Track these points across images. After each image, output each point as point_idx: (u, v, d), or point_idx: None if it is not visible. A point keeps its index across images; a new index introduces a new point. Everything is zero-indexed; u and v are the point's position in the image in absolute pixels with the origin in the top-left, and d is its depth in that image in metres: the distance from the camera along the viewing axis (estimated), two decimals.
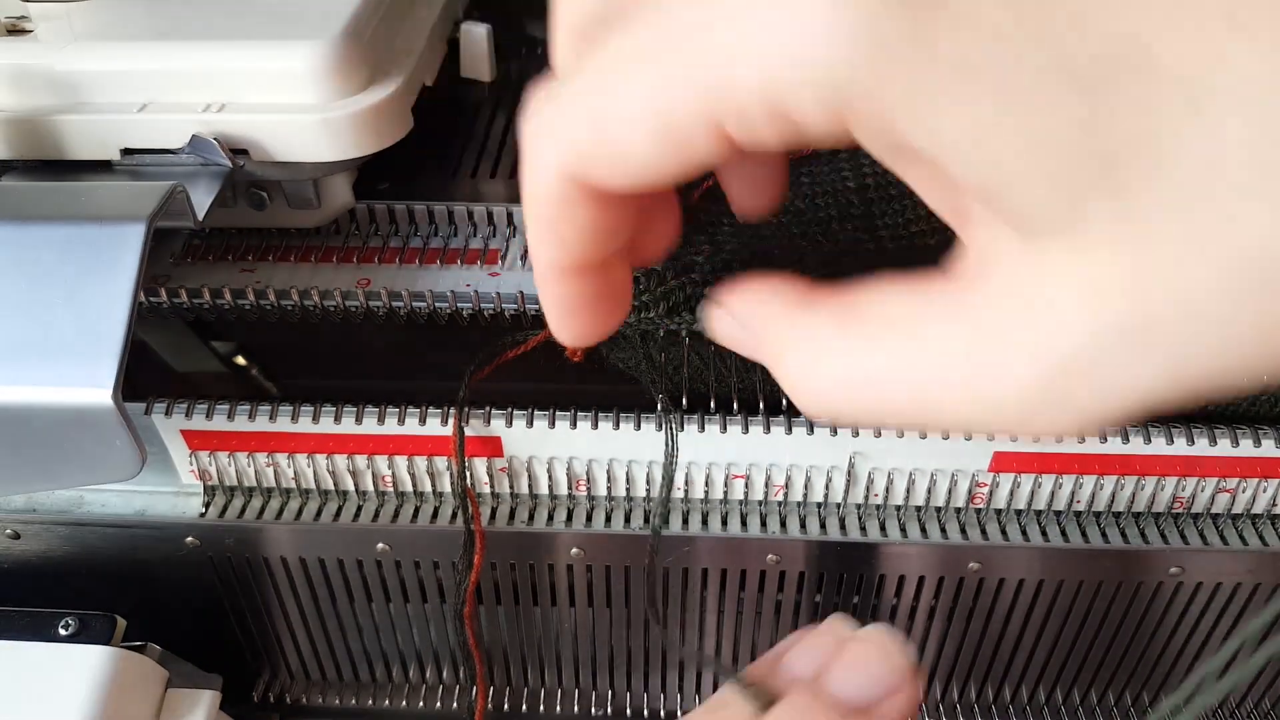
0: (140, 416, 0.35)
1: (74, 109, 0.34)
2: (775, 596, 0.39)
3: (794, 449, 0.34)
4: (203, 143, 0.33)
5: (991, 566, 0.37)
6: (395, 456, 0.36)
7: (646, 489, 0.36)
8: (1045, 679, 0.43)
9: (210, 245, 0.38)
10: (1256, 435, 0.34)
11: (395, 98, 0.36)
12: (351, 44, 0.34)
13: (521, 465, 0.36)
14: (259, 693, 0.45)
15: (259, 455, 0.36)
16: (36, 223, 0.30)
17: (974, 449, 0.34)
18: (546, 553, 0.37)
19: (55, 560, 0.38)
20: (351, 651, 0.43)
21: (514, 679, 0.44)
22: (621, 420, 0.34)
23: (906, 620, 0.40)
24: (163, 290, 0.36)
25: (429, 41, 0.41)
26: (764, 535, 0.36)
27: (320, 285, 0.36)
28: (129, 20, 0.36)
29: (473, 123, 0.45)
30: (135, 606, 0.35)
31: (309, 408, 0.35)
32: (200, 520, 0.37)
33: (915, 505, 0.36)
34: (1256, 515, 0.36)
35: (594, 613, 0.40)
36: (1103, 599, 0.38)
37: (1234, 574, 0.37)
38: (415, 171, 0.41)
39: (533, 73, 0.49)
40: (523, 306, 0.35)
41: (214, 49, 0.34)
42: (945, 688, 0.43)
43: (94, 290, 0.28)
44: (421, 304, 0.35)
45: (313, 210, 0.37)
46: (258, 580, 0.40)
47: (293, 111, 0.34)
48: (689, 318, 0.33)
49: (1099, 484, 0.35)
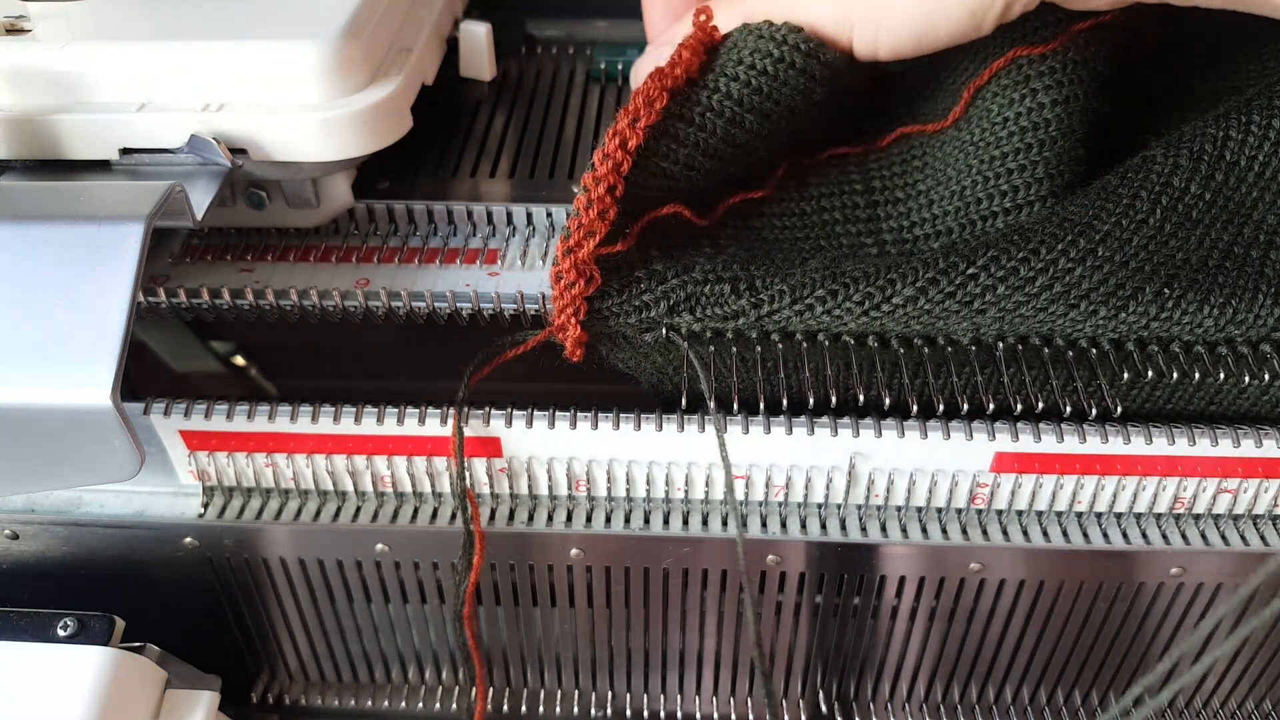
0: (139, 417, 0.35)
1: (73, 109, 0.34)
2: (775, 597, 0.39)
3: (794, 449, 0.34)
4: (201, 142, 0.33)
5: (991, 567, 0.37)
6: (395, 457, 0.36)
7: (646, 489, 0.36)
8: (1046, 680, 0.43)
9: (209, 245, 0.38)
10: (1257, 435, 0.34)
11: (395, 97, 0.36)
12: (351, 43, 0.34)
13: (521, 465, 0.36)
14: (258, 693, 0.45)
15: (258, 455, 0.36)
16: (35, 222, 0.30)
17: (974, 449, 0.34)
18: (546, 553, 0.37)
19: (54, 561, 0.38)
20: (351, 652, 0.43)
21: (514, 680, 0.44)
22: (621, 420, 0.34)
23: (907, 621, 0.40)
24: (162, 290, 0.36)
25: (428, 40, 0.41)
26: (764, 536, 0.36)
27: (319, 285, 0.36)
28: (128, 20, 0.36)
29: (473, 122, 0.45)
30: (134, 607, 0.35)
31: (308, 408, 0.35)
32: (199, 521, 0.37)
33: (915, 506, 0.36)
34: (1257, 515, 0.36)
35: (594, 613, 0.40)
36: (1103, 600, 0.38)
37: (1234, 575, 0.37)
38: (415, 171, 0.41)
39: (532, 72, 0.49)
40: (522, 306, 0.35)
41: (213, 48, 0.34)
42: (946, 688, 0.43)
43: (92, 290, 0.28)
44: (421, 304, 0.35)
45: (312, 210, 0.37)
46: (257, 581, 0.39)
47: (292, 111, 0.34)
48: (689, 318, 0.33)
49: (1099, 484, 0.35)
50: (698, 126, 0.32)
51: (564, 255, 0.31)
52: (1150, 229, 0.32)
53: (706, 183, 0.34)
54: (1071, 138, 0.34)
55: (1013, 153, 0.34)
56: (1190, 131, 0.34)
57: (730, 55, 0.33)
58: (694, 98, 0.32)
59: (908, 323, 0.32)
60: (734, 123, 0.33)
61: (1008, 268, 0.31)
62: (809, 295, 0.32)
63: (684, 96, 0.32)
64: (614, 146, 0.31)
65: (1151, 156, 0.34)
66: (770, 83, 0.33)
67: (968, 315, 0.32)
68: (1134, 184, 0.33)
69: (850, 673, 0.43)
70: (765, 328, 0.33)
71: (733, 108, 0.33)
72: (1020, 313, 0.32)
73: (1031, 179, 0.34)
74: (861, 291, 0.32)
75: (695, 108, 0.32)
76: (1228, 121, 0.34)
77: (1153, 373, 0.33)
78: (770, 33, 0.33)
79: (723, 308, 0.32)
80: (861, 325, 0.32)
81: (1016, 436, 0.33)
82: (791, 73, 0.33)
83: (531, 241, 0.38)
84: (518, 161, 0.42)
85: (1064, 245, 0.31)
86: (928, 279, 0.31)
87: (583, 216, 0.30)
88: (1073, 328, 0.33)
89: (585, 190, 0.31)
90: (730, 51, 0.33)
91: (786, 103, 0.34)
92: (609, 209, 0.30)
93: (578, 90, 0.47)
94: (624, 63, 0.48)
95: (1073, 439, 0.33)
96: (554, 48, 0.51)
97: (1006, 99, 0.34)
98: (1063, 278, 0.31)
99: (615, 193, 0.31)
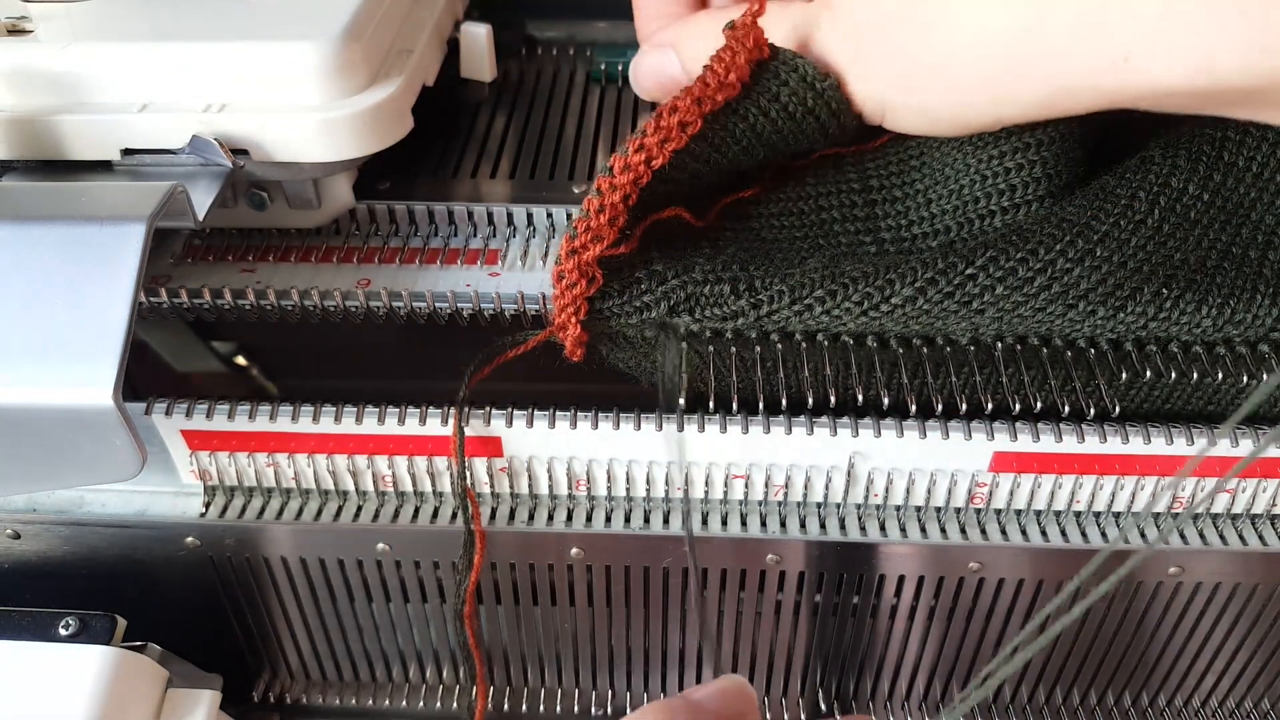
0: (140, 416, 0.35)
1: (74, 109, 0.34)
2: (775, 596, 0.39)
3: (794, 449, 0.35)
4: (203, 143, 0.33)
5: (991, 566, 0.37)
6: (395, 456, 0.36)
7: (646, 489, 0.36)
8: (1045, 679, 0.43)
9: (210, 245, 0.38)
10: (1255, 435, 0.34)
11: (395, 98, 0.36)
12: (352, 44, 0.34)
13: (521, 465, 0.36)
14: (259, 693, 0.45)
15: (259, 455, 0.36)
16: (37, 223, 0.30)
17: (973, 449, 0.34)
18: (546, 552, 0.37)
19: (55, 560, 0.38)
20: (351, 651, 0.43)
21: (514, 679, 0.44)
22: (621, 420, 0.34)
23: (906, 620, 0.40)
24: (163, 290, 0.36)
25: (429, 41, 0.41)
26: (764, 535, 0.36)
27: (320, 285, 0.36)
28: (129, 20, 0.36)
29: (473, 123, 0.45)
30: (136, 606, 0.35)
31: (309, 408, 0.35)
32: (200, 520, 0.37)
33: (915, 505, 0.36)
34: (1256, 515, 0.36)
35: (594, 613, 0.40)
36: (1102, 599, 0.38)
37: (1234, 574, 0.37)
38: (415, 171, 0.41)
39: (533, 73, 0.49)
40: (523, 306, 0.35)
41: (214, 49, 0.34)
42: (945, 687, 0.43)
43: (94, 290, 0.28)
44: (421, 304, 0.35)
45: (313, 210, 0.38)
46: (258, 580, 0.40)
47: (293, 111, 0.34)
48: (689, 318, 0.33)
49: (1099, 484, 0.35)
50: (714, 147, 0.32)
51: (568, 256, 0.31)
52: (1148, 229, 0.32)
53: (703, 188, 0.34)
54: (1069, 138, 0.34)
55: (1010, 152, 0.34)
56: (1189, 132, 0.34)
57: (769, 86, 0.32)
58: (720, 122, 0.32)
59: (906, 323, 0.32)
60: (747, 151, 0.33)
61: (1006, 268, 0.31)
62: (808, 295, 0.32)
63: (713, 119, 0.32)
64: (639, 160, 0.30)
65: (1150, 156, 0.34)
66: (794, 127, 0.33)
67: (966, 315, 0.32)
68: (1132, 184, 0.33)
69: (850, 672, 0.43)
70: (764, 328, 0.33)
71: (752, 139, 0.33)
72: (1019, 313, 0.32)
73: (1029, 178, 0.34)
74: (860, 292, 0.32)
75: (720, 131, 0.32)
76: (1226, 121, 0.34)
77: (1151, 373, 0.33)
78: (814, 80, 0.32)
79: (722, 308, 0.32)
80: (860, 325, 0.33)
81: (1015, 436, 0.33)
82: (813, 123, 0.33)
83: (532, 242, 0.39)
84: (518, 162, 0.42)
85: (1062, 245, 0.31)
86: (926, 279, 0.31)
87: (592, 220, 0.30)
88: (1071, 328, 0.33)
89: (599, 194, 0.30)
90: (770, 81, 0.32)
91: (794, 145, 0.34)
92: (619, 216, 0.30)
93: (578, 91, 0.48)
94: (624, 64, 0.48)
95: (1071, 439, 0.33)
96: (554, 49, 0.51)
97: None
98: (1061, 278, 0.31)
99: (629, 201, 0.30)
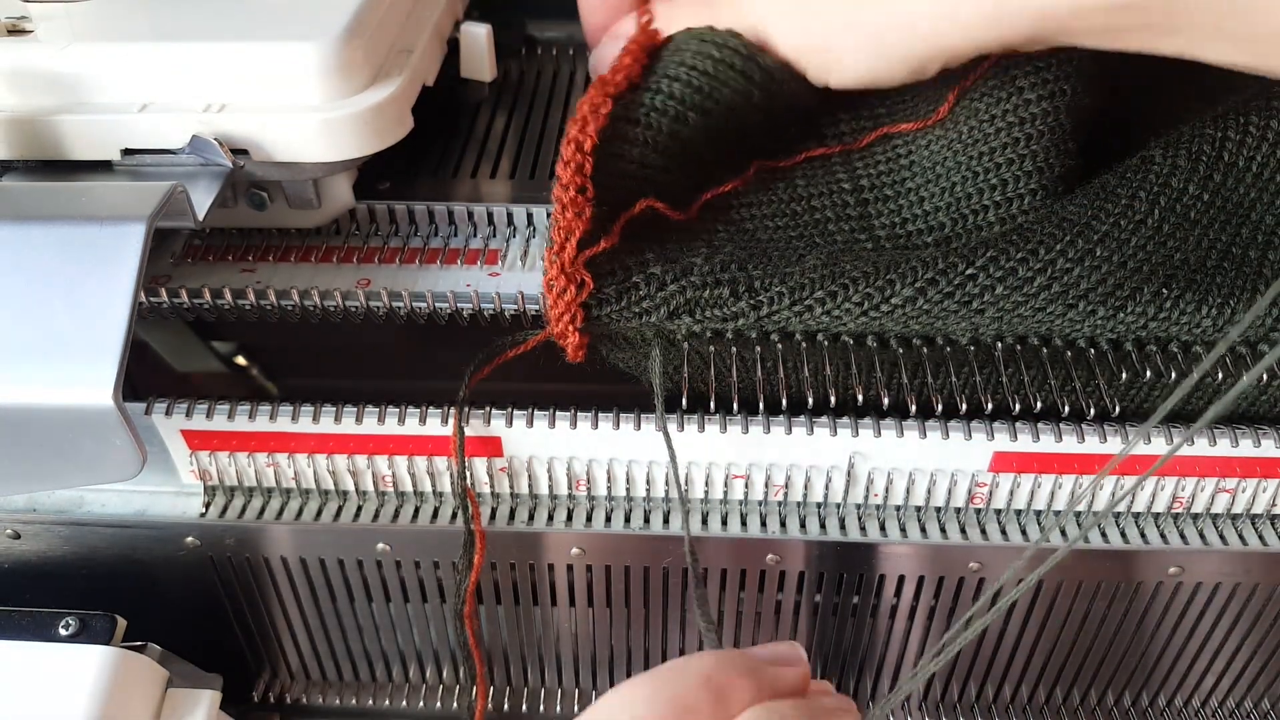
0: (140, 416, 0.35)
1: (74, 109, 0.34)
2: (775, 596, 0.39)
3: (794, 449, 0.35)
4: (203, 143, 0.33)
5: (990, 566, 0.37)
6: (395, 456, 0.36)
7: (646, 489, 0.36)
8: (1045, 679, 0.43)
9: (210, 245, 0.38)
10: (1256, 435, 0.34)
11: (395, 98, 0.36)
12: (352, 44, 0.34)
13: (521, 465, 0.36)
14: (259, 692, 0.45)
15: (259, 455, 0.36)
16: (37, 223, 0.30)
17: (973, 449, 0.34)
18: (546, 553, 0.37)
19: (56, 560, 0.38)
20: (351, 651, 0.43)
21: (514, 679, 0.44)
22: (621, 420, 0.34)
23: (906, 619, 0.40)
24: (163, 290, 0.36)
25: (429, 41, 0.41)
26: (764, 535, 0.36)
27: (320, 285, 0.36)
28: (129, 20, 0.36)
29: (473, 123, 0.45)
30: (136, 606, 0.35)
31: (309, 408, 0.35)
32: (200, 520, 0.37)
33: (915, 505, 0.36)
34: (1256, 515, 0.36)
35: (594, 613, 0.40)
36: (1102, 599, 0.38)
37: (1234, 574, 0.37)
38: (415, 171, 0.41)
39: (533, 73, 0.49)
40: (523, 306, 0.35)
41: (214, 49, 0.34)
42: (945, 687, 0.43)
43: (94, 290, 0.28)
44: (421, 304, 0.35)
45: (313, 210, 0.38)
46: (258, 580, 0.40)
47: (293, 112, 0.34)
48: (688, 320, 0.33)
49: (1098, 484, 0.35)
50: (644, 126, 0.34)
51: (551, 262, 0.32)
52: (1148, 229, 0.32)
53: (670, 180, 0.35)
54: (1059, 131, 0.34)
55: (1000, 148, 0.34)
56: (1188, 132, 0.34)
57: (672, 57, 0.35)
58: (638, 100, 0.34)
59: (907, 323, 0.32)
60: (679, 120, 0.34)
61: (1006, 268, 0.31)
62: (808, 296, 0.32)
63: (628, 100, 0.34)
64: (571, 152, 0.32)
65: (1150, 157, 0.34)
66: (711, 82, 0.34)
67: (966, 315, 0.32)
68: (1132, 184, 0.33)
69: (850, 671, 0.43)
70: (765, 328, 0.33)
71: (676, 106, 0.34)
72: (1019, 313, 0.32)
73: (1020, 172, 0.34)
74: (860, 292, 0.32)
75: (639, 109, 0.34)
76: (1226, 122, 0.34)
77: (1151, 373, 0.33)
78: (712, 37, 0.35)
79: (722, 310, 0.32)
80: (860, 325, 0.33)
81: (1015, 436, 0.33)
82: (731, 74, 0.35)
83: (532, 242, 0.39)
84: (518, 162, 0.42)
85: (1062, 245, 0.31)
86: (926, 279, 0.32)
87: (560, 220, 0.32)
88: (1071, 328, 0.33)
89: (557, 198, 0.32)
90: (672, 54, 0.35)
91: (727, 102, 0.35)
92: (583, 208, 0.32)
93: (578, 91, 0.48)
94: None
95: (1071, 439, 0.33)
96: (554, 49, 0.51)
97: (994, 97, 0.35)
98: (1061, 278, 0.31)
99: (585, 193, 0.32)
